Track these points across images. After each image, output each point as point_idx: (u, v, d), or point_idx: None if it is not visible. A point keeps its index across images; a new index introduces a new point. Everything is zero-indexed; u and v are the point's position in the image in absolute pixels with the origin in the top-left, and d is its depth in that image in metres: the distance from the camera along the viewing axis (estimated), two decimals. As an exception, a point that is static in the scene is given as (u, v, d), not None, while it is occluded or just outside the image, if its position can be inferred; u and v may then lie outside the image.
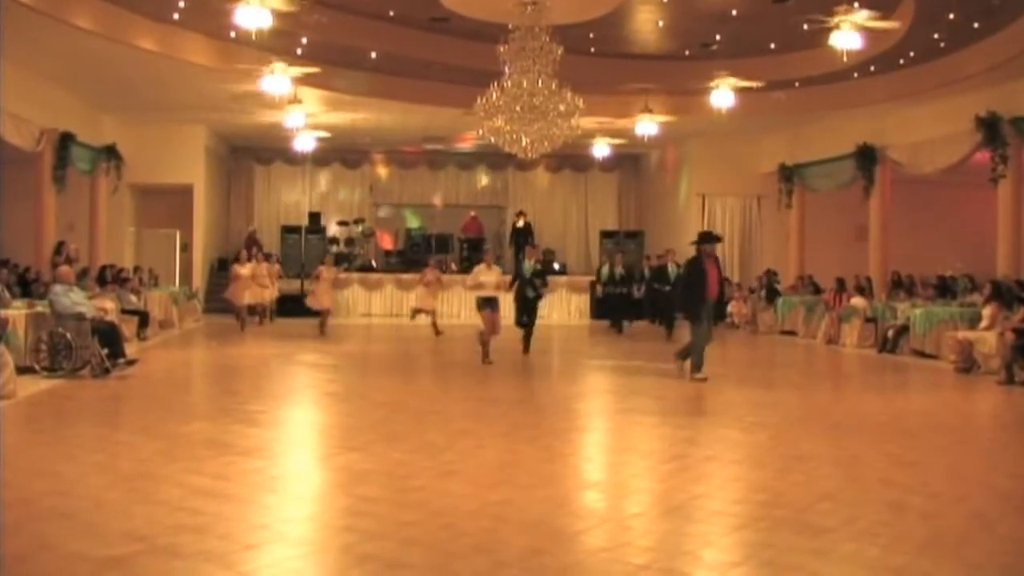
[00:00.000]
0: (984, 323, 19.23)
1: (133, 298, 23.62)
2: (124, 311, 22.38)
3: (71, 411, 13.25)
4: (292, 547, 7.16)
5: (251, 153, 37.00)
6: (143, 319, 23.26)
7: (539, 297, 20.89)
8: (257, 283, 28.12)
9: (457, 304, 31.50)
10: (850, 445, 11.48)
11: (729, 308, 29.79)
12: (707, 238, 17.45)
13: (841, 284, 25.94)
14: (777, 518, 8.02)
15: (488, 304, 19.57)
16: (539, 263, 21.88)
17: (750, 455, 11.09)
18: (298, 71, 22.11)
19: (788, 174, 30.94)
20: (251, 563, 6.75)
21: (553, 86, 18.88)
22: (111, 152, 28.16)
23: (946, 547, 7.33)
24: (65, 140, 24.53)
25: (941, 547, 7.32)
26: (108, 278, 23.89)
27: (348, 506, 8.40)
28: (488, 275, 19.82)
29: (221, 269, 33.39)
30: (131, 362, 16.73)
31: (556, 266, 34.26)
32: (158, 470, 9.44)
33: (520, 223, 35.74)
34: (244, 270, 27.76)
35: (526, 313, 20.89)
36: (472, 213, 36.93)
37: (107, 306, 20.00)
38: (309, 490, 9.22)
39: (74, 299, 16.74)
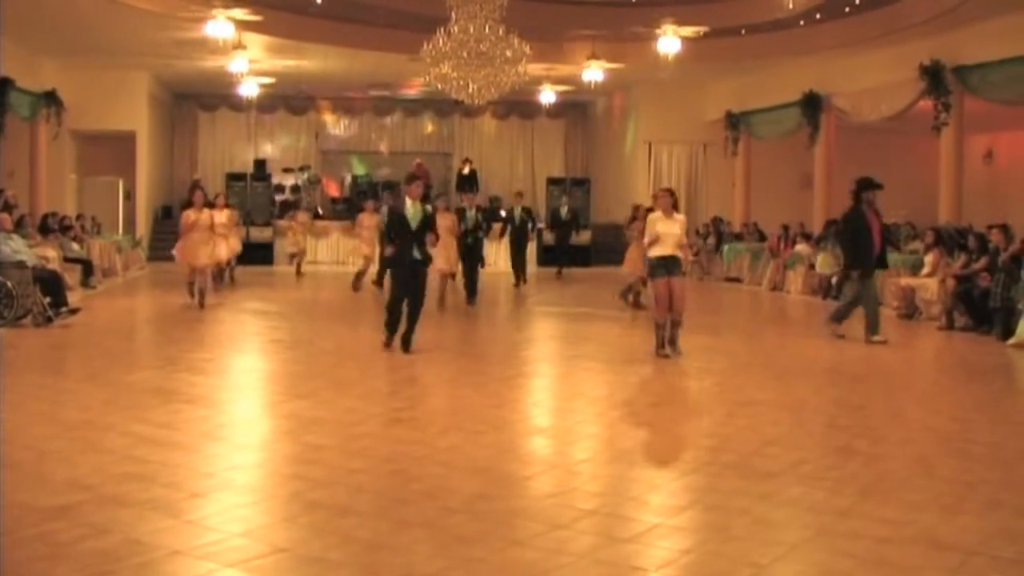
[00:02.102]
0: (926, 270, 19.40)
1: (75, 246, 23.36)
2: (67, 259, 22.14)
3: (13, 360, 13.09)
4: (239, 495, 7.13)
5: (195, 100, 36.57)
6: (86, 267, 23.01)
7: (478, 242, 20.85)
8: (217, 233, 21.66)
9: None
10: (796, 391, 11.61)
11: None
12: (868, 184, 15.92)
13: (786, 231, 26.08)
14: (724, 463, 8.09)
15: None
16: (480, 210, 21.73)
17: (697, 401, 11.20)
18: (241, 15, 21.82)
19: (734, 121, 30.96)
20: (198, 511, 6.72)
21: (500, 32, 18.80)
22: (51, 98, 27.65)
23: (889, 489, 7.41)
24: (3, 85, 24.09)
25: (884, 489, 7.40)
26: (52, 226, 23.59)
27: (296, 454, 8.39)
28: (442, 220, 18.53)
29: (165, 217, 33.05)
30: (74, 311, 16.54)
31: (503, 213, 34.23)
32: (103, 419, 9.36)
33: (466, 170, 35.59)
34: (201, 216, 20.49)
35: (468, 261, 20.56)
36: (418, 160, 36.76)
37: (49, 254, 19.79)
38: (256, 438, 9.20)
39: (14, 247, 16.50)
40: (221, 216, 21.42)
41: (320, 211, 33.59)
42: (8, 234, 16.71)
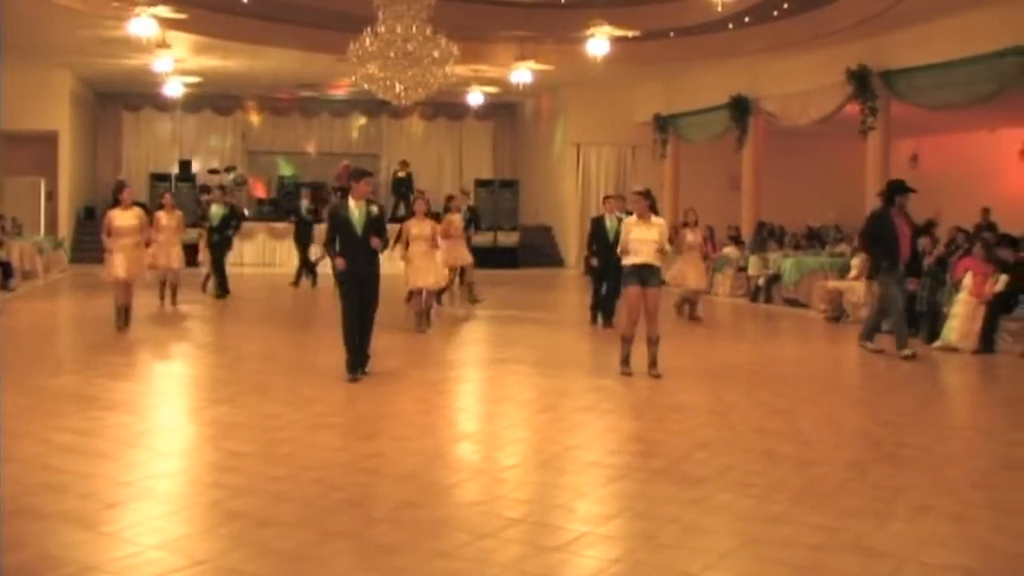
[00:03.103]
0: (853, 273, 19.50)
1: (-6, 248, 22.91)
2: (-16, 261, 21.75)
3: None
4: (158, 504, 6.94)
5: (119, 99, 36.00)
6: (5, 270, 22.58)
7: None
8: (157, 242, 18.71)
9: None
10: (725, 394, 11.56)
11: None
12: (900, 188, 15.02)
13: (712, 233, 26.12)
14: (653, 469, 8.01)
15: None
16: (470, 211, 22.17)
17: (625, 405, 11.09)
18: (166, 13, 21.46)
19: (663, 124, 30.98)
20: (114, 522, 6.53)
21: (427, 32, 18.63)
22: (-30, 96, 27.16)
23: (821, 495, 7.36)
24: (-83, 83, 23.59)
25: (816, 495, 7.35)
26: (-30, 227, 23.16)
27: (216, 461, 8.20)
28: (422, 227, 16.75)
29: (88, 218, 32.50)
30: (-9, 314, 16.22)
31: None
32: (20, 426, 9.09)
33: (402, 173, 35.33)
34: (125, 220, 16.42)
35: None
36: (345, 161, 36.41)
37: (-34, 256, 19.38)
38: (176, 445, 9.00)
39: (-71, 249, 16.14)
40: (172, 219, 19.59)
41: (246, 212, 33.18)
42: (-79, 236, 16.32)
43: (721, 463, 8.19)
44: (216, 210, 20.59)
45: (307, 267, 24.93)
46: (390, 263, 14.29)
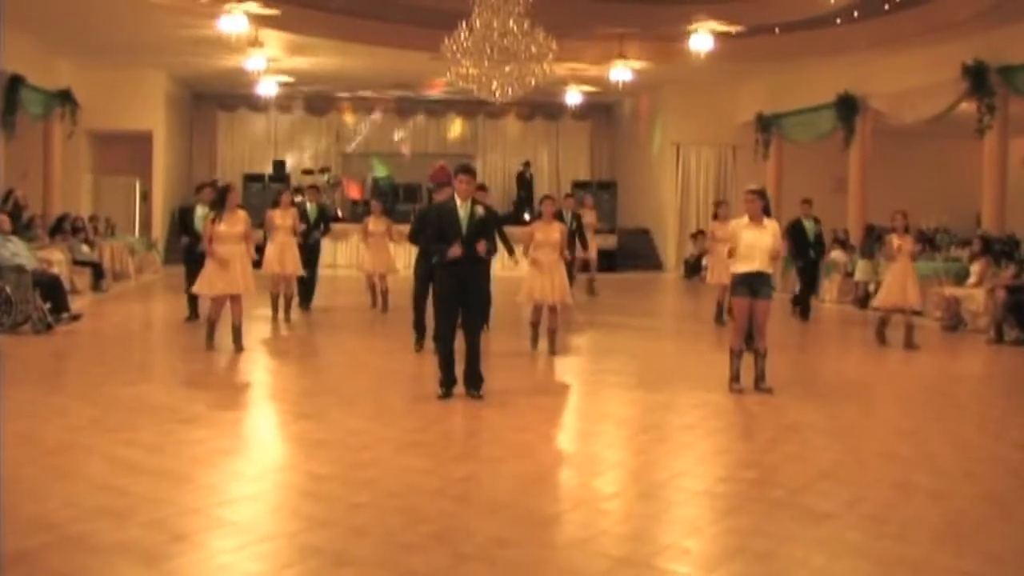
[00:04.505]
0: (972, 280, 18.52)
1: (86, 249, 22.63)
2: (76, 262, 21.45)
3: (3, 371, 12.32)
4: (228, 537, 6.33)
5: (214, 100, 35.88)
6: (97, 271, 22.31)
7: None
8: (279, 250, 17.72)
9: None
10: (842, 412, 10.69)
11: (705, 261, 29.03)
12: None
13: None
14: (771, 500, 7.25)
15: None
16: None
17: (735, 423, 10.30)
18: (256, 8, 21.07)
19: (766, 124, 30.07)
20: (178, 557, 5.94)
21: (525, 26, 17.97)
22: (66, 97, 27.01)
23: (962, 535, 6.58)
24: (14, 83, 23.40)
25: (957, 535, 6.57)
26: (67, 228, 22.88)
27: (296, 485, 7.61)
28: (547, 232, 14.38)
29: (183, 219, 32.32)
30: (75, 317, 15.81)
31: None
32: (87, 440, 8.59)
33: (528, 174, 34.74)
34: (282, 219, 17.74)
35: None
36: (441, 162, 35.90)
37: (54, 257, 19.08)
38: (254, 466, 8.32)
39: (12, 250, 15.75)
40: (287, 218, 17.88)
41: (340, 214, 32.79)
42: (6, 236, 15.95)
43: (848, 495, 7.40)
44: (311, 208, 19.75)
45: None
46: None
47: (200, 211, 17.08)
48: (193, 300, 16.75)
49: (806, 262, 19.88)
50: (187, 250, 17.30)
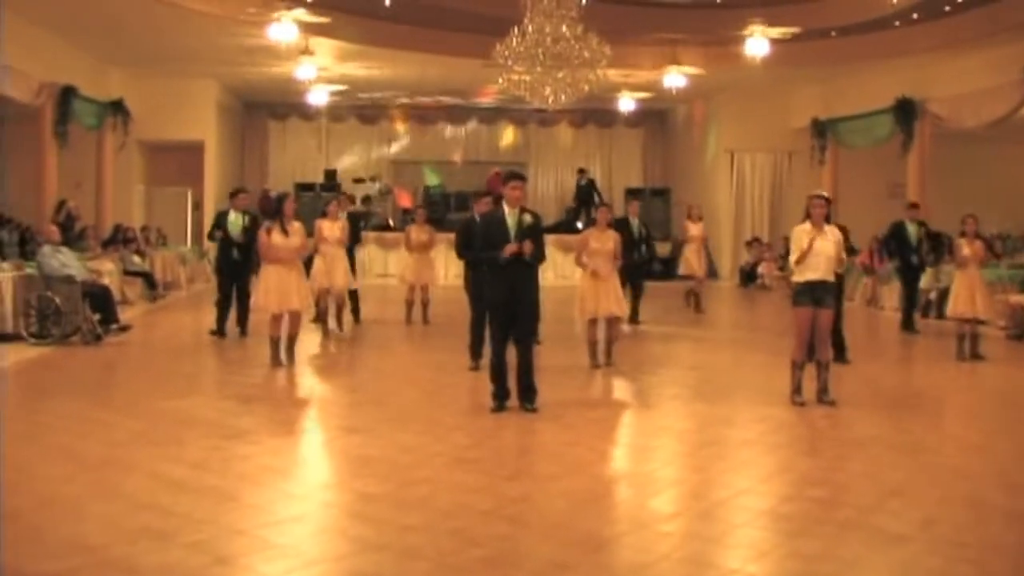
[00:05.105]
0: (1036, 286, 18.03)
1: (137, 259, 22.58)
2: (127, 272, 21.39)
3: (50, 383, 12.16)
4: (274, 560, 6.08)
5: (265, 109, 35.84)
6: (148, 280, 22.24)
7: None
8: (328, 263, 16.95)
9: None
10: (909, 426, 10.31)
11: (760, 269, 28.66)
12: None
13: (879, 244, 24.65)
14: (840, 522, 6.91)
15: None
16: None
17: (798, 438, 9.93)
18: (306, 16, 20.91)
19: (821, 129, 29.58)
20: (220, 583, 5.69)
21: (578, 31, 17.68)
22: (118, 107, 27.02)
23: (1043, 561, 6.22)
24: (67, 94, 23.38)
25: (1037, 561, 6.21)
26: (120, 238, 22.85)
27: (345, 504, 7.36)
28: (602, 241, 13.85)
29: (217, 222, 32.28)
30: (124, 328, 15.68)
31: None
32: (130, 456, 8.38)
33: (583, 181, 34.43)
34: (330, 231, 17.00)
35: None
36: (496, 170, 35.59)
37: (104, 268, 18.98)
38: (301, 484, 8.07)
39: (62, 260, 15.64)
40: (335, 230, 17.00)
41: (391, 222, 32.64)
42: (56, 247, 15.82)
43: (921, 515, 7.06)
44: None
45: None
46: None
47: (233, 216, 16.71)
48: (223, 314, 16.42)
49: (909, 268, 19.01)
50: (221, 258, 16.86)
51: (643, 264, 18.40)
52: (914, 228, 18.79)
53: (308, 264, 15.82)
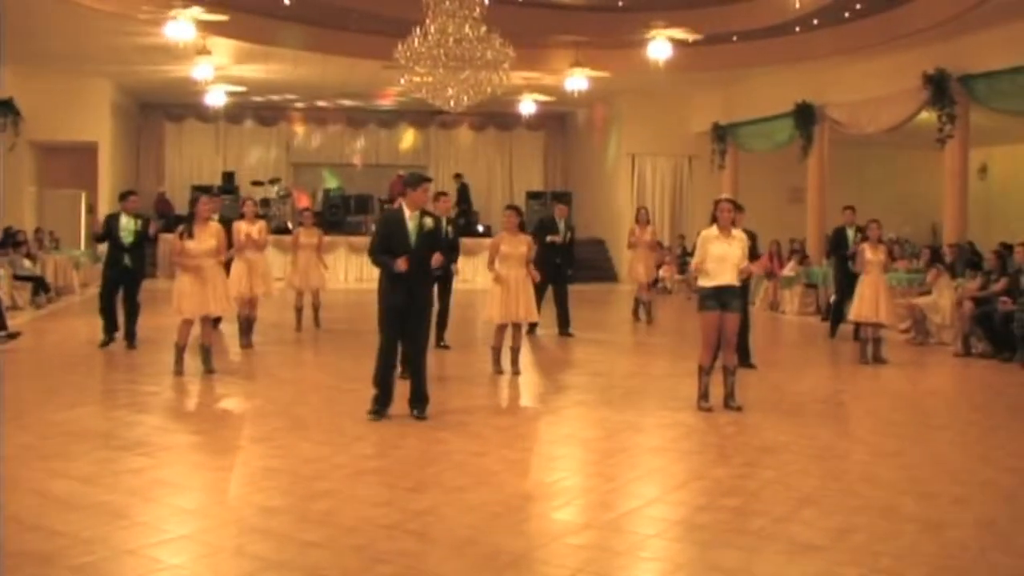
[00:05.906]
0: (935, 291, 18.13)
1: (27, 263, 21.93)
2: (16, 277, 20.75)
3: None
4: (166, 581, 5.76)
5: (161, 110, 35.25)
6: (40, 285, 21.60)
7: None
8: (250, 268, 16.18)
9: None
10: (818, 432, 10.22)
11: (661, 272, 28.67)
12: None
13: (779, 249, 24.80)
14: (755, 532, 6.77)
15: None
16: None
17: (707, 445, 9.79)
18: (203, 14, 20.45)
19: (722, 133, 29.75)
20: (109, 608, 5.36)
21: (481, 31, 17.48)
22: (7, 107, 26.33)
23: (961, 568, 6.12)
24: (-48, 93, 22.74)
25: (956, 569, 6.10)
26: (10, 242, 22.17)
27: (243, 519, 7.02)
28: (514, 245, 13.56)
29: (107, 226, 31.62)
30: (13, 335, 15.16)
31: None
32: (15, 472, 7.96)
33: (458, 185, 34.16)
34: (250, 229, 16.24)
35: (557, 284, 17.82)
36: (399, 173, 35.23)
37: (-8, 273, 18.42)
38: (197, 498, 7.72)
39: (-55, 266, 15.11)
40: (253, 232, 16.22)
41: (290, 225, 32.14)
42: (-62, 252, 15.29)
43: (835, 524, 6.92)
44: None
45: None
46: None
47: (124, 220, 16.03)
48: (110, 321, 15.67)
49: (847, 274, 17.76)
50: (109, 263, 15.95)
51: (565, 268, 18.06)
52: (852, 233, 18.55)
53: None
